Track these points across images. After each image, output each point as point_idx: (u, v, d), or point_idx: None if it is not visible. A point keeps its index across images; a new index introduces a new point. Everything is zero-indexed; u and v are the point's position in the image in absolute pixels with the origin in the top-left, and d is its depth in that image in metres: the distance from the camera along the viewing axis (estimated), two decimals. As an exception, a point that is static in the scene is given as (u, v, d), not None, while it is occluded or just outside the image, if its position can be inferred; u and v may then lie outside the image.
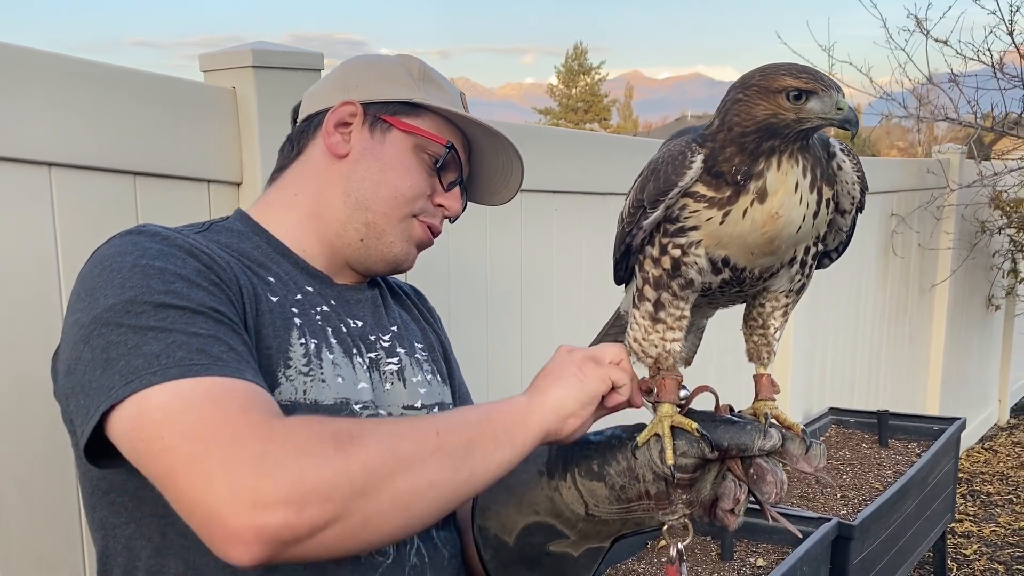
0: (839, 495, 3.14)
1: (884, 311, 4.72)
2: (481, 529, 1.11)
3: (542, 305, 2.46)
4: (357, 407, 1.07)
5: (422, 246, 1.21)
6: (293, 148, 1.20)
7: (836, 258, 1.11)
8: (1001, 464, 5.53)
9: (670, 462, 0.98)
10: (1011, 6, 4.08)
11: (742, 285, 1.01)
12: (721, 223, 0.94)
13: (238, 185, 1.65)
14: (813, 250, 1.00)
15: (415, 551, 1.09)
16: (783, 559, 2.41)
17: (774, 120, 0.90)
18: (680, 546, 1.06)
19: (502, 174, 1.27)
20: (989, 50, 4.30)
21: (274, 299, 1.05)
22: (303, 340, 1.04)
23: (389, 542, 0.90)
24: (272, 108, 1.61)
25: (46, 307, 1.37)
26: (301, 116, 1.21)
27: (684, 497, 1.01)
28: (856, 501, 3.07)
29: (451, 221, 1.23)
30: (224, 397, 0.86)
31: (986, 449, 5.85)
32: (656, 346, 1.04)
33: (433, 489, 0.89)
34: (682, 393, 1.04)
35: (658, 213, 0.98)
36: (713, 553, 2.61)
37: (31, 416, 1.36)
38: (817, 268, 1.08)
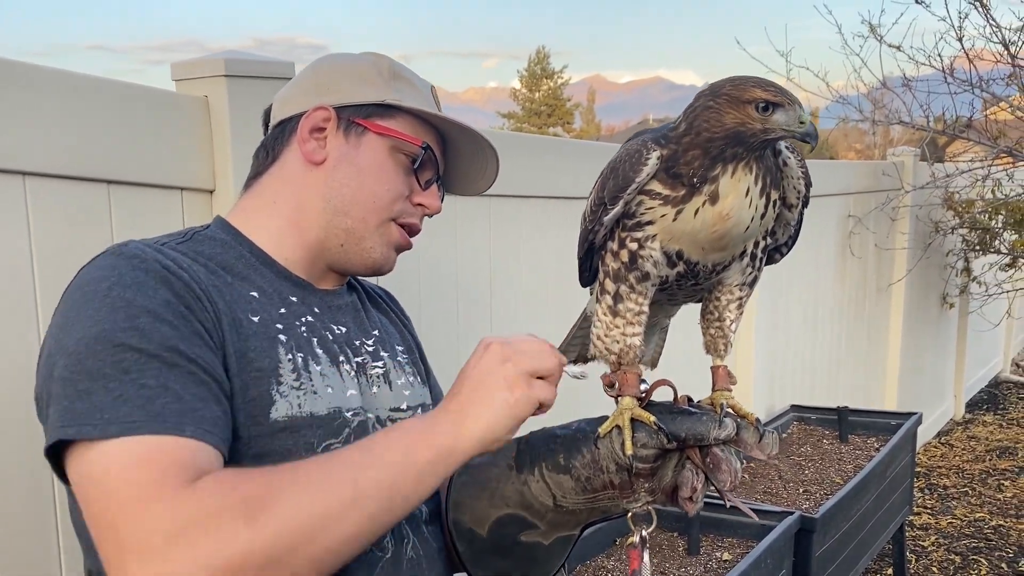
0: (801, 490, 3.22)
1: (843, 310, 4.83)
2: (455, 523, 1.15)
3: (509, 306, 2.50)
4: (348, 414, 1.09)
5: (401, 249, 1.23)
6: (268, 155, 1.20)
7: (787, 252, 1.15)
8: (957, 458, 5.68)
9: (629, 452, 1.02)
10: (960, 13, 4.21)
11: (697, 278, 1.06)
12: (674, 220, 1.00)
13: (211, 192, 1.67)
14: (763, 243, 1.06)
15: (411, 545, 1.12)
16: (748, 552, 2.47)
17: (742, 129, 0.96)
18: (644, 532, 1.11)
19: (477, 165, 1.28)
20: (940, 55, 4.43)
21: (255, 319, 1.05)
22: (290, 356, 1.06)
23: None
24: (244, 116, 1.63)
25: (21, 315, 1.38)
26: (273, 121, 1.21)
27: (646, 485, 1.06)
28: (818, 495, 3.15)
29: (429, 216, 1.25)
30: (150, 461, 0.88)
31: (942, 444, 6.00)
32: (618, 342, 1.09)
33: (351, 542, 0.92)
34: (643, 387, 1.09)
35: (617, 209, 1.03)
36: (680, 548, 2.67)
37: (7, 424, 1.36)
38: (769, 263, 1.13)
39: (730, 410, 1.05)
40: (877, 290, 5.23)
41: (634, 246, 1.04)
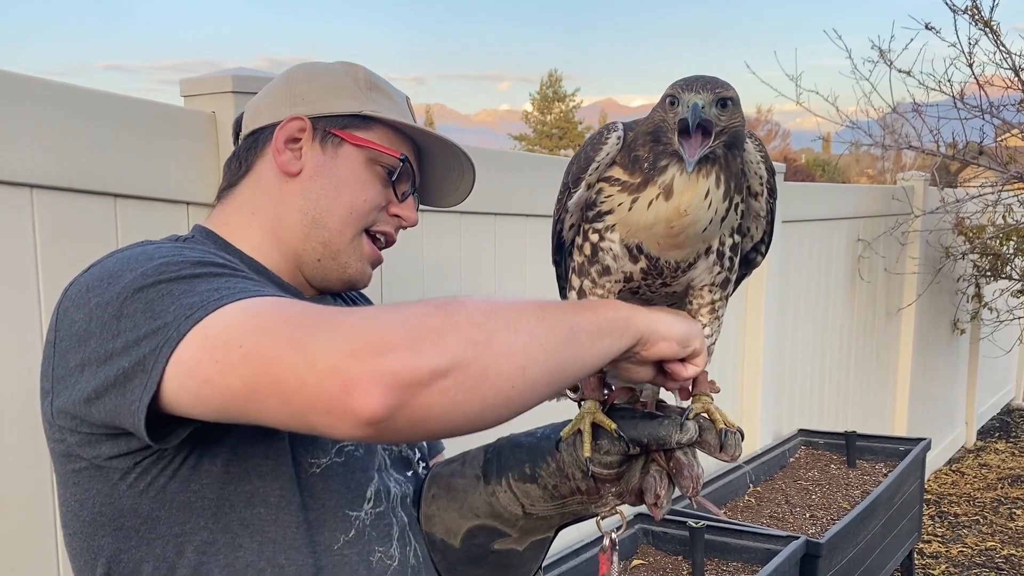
0: (808, 514, 3.19)
1: (852, 334, 4.80)
2: (428, 535, 1.15)
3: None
4: None
5: (375, 264, 1.21)
6: (241, 165, 1.17)
7: (765, 251, 1.12)
8: (968, 486, 5.62)
9: (587, 455, 1.01)
10: (970, 39, 4.22)
11: (662, 276, 1.04)
12: (630, 209, 0.98)
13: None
14: (730, 241, 1.03)
15: (413, 553, 1.13)
16: (752, 577, 2.45)
17: (660, 124, 0.96)
18: (613, 536, 1.11)
19: (453, 177, 1.28)
20: (950, 81, 4.43)
21: None
22: None
23: (509, 409, 0.82)
24: (251, 132, 1.64)
25: (25, 326, 1.39)
26: (246, 130, 1.19)
27: (613, 490, 1.06)
28: (825, 520, 3.12)
29: (404, 228, 1.23)
30: (296, 302, 0.83)
31: (954, 471, 5.94)
32: None
33: (546, 353, 0.83)
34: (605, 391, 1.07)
35: (580, 191, 1.02)
36: (684, 572, 2.64)
37: (8, 435, 1.37)
38: (750, 267, 1.11)
39: (705, 415, 1.03)
40: (887, 315, 5.20)
41: (595, 238, 1.03)
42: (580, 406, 1.07)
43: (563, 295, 1.14)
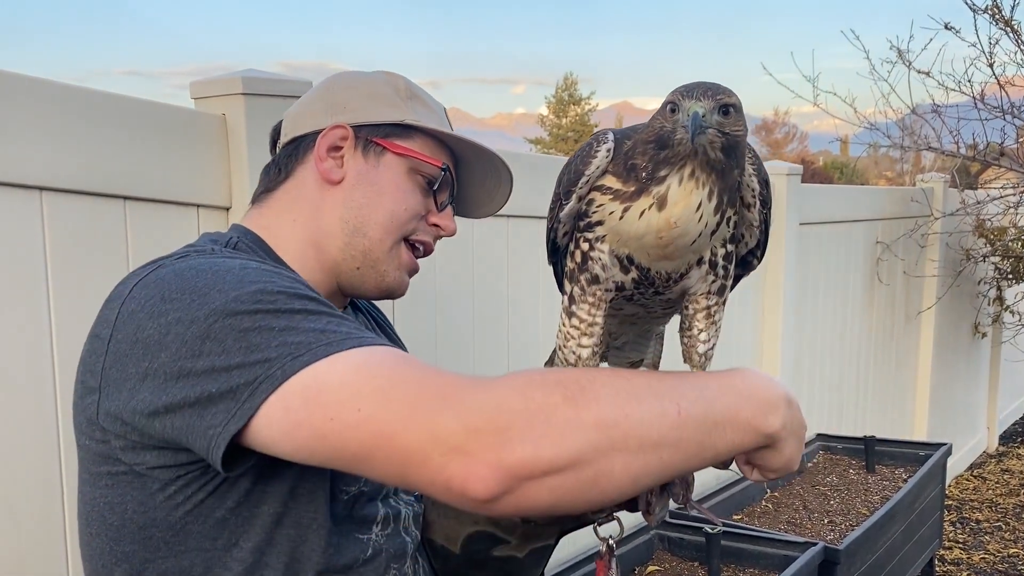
0: (826, 520, 3.15)
1: (871, 338, 4.75)
2: (429, 542, 1.15)
3: (496, 333, 2.48)
4: None
5: (412, 272, 1.21)
6: (281, 172, 1.18)
7: (760, 256, 1.10)
8: (990, 491, 5.54)
9: None
10: (990, 39, 4.17)
11: (654, 286, 1.03)
12: (620, 219, 0.97)
13: (227, 210, 1.67)
14: (723, 251, 1.02)
15: (422, 567, 1.13)
16: (770, 584, 2.41)
17: (660, 132, 0.94)
18: (610, 542, 1.10)
19: (489, 186, 1.28)
20: (970, 81, 4.38)
21: None
22: None
23: (608, 502, 0.83)
24: (261, 134, 1.62)
25: (35, 330, 1.38)
26: (285, 138, 1.20)
27: None
28: (843, 526, 3.07)
29: (440, 238, 1.24)
30: (411, 360, 0.82)
31: (975, 476, 5.86)
32: (574, 352, 1.07)
33: (664, 467, 0.83)
34: None
35: (571, 204, 1.02)
36: (700, 578, 2.61)
37: (18, 439, 1.37)
38: (747, 270, 1.10)
39: None
40: (906, 318, 5.14)
41: (586, 246, 1.02)
42: None
43: (561, 290, 1.14)
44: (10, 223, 1.35)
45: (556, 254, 1.10)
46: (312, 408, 0.80)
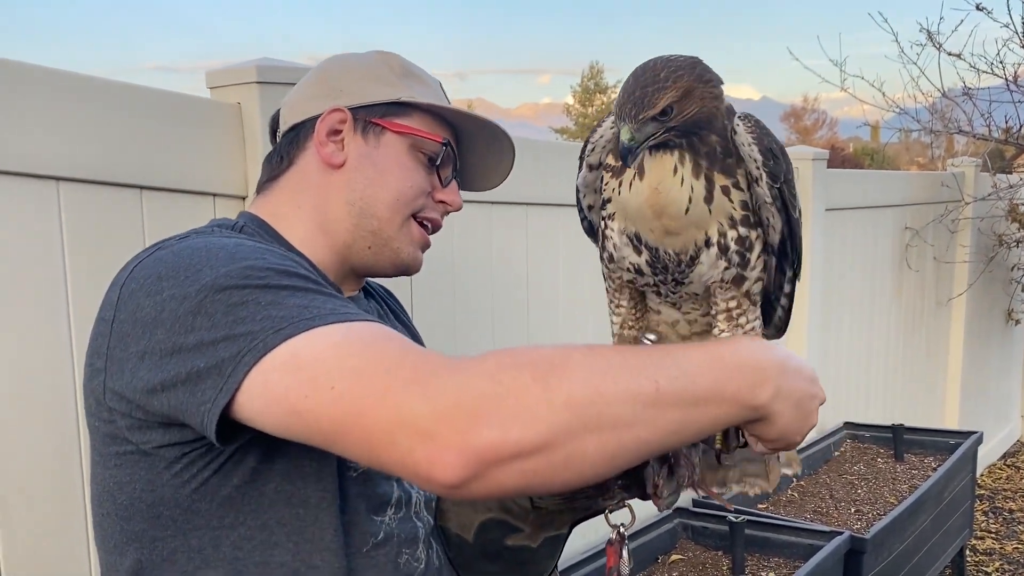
0: (853, 509, 3.11)
1: (899, 325, 4.68)
2: (443, 529, 1.14)
3: (516, 313, 2.47)
4: None
5: (424, 247, 1.21)
6: (283, 160, 1.17)
7: (795, 264, 1.08)
8: (1024, 481, 5.45)
9: None
10: None
11: (668, 271, 1.02)
12: (619, 194, 1.00)
13: (243, 199, 1.68)
14: (733, 233, 0.99)
15: (436, 553, 1.12)
16: (794, 573, 2.39)
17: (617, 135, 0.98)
18: (621, 529, 1.10)
19: (491, 158, 1.27)
20: (1002, 63, 4.28)
21: None
22: None
23: (585, 483, 0.82)
24: (276, 123, 1.63)
25: (53, 317, 1.40)
26: (284, 126, 1.19)
27: (619, 482, 1.05)
28: (871, 515, 3.04)
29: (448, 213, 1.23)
30: (391, 337, 0.82)
31: (1008, 466, 5.76)
32: (615, 334, 1.12)
33: (641, 446, 0.81)
34: None
35: (584, 172, 1.07)
36: (724, 567, 2.59)
37: (37, 426, 1.38)
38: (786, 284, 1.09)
39: None
40: (936, 304, 5.06)
41: (602, 225, 1.05)
42: None
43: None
44: (28, 213, 1.36)
45: (593, 234, 1.12)
46: (289, 383, 0.80)
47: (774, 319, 1.13)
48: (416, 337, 1.34)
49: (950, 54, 4.38)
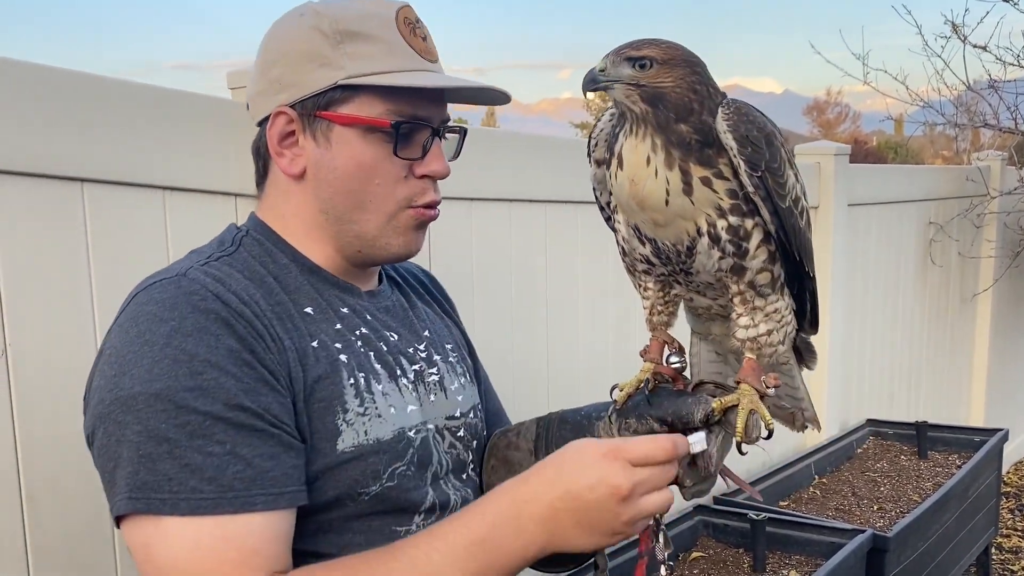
0: (876, 507, 3.09)
1: (923, 321, 4.63)
2: None
3: (533, 306, 2.47)
4: (411, 432, 1.09)
5: (425, 223, 1.14)
6: (257, 168, 1.16)
7: (796, 256, 1.10)
8: (1051, 478, 5.38)
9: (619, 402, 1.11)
10: (1051, 10, 4.01)
11: (673, 262, 1.04)
12: (612, 186, 1.04)
13: (264, 199, 1.69)
14: (723, 222, 1.00)
15: None
16: (816, 570, 2.37)
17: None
18: (657, 515, 1.09)
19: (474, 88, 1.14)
20: (1030, 55, 4.22)
21: (315, 344, 1.04)
22: (352, 380, 1.05)
23: None
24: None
25: (79, 318, 1.41)
26: (254, 122, 1.15)
27: None
28: (893, 513, 3.01)
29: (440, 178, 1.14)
30: (216, 551, 0.91)
31: (1035, 463, 5.69)
32: (646, 320, 1.18)
33: None
34: (673, 360, 1.14)
35: (592, 168, 1.12)
36: (746, 564, 2.58)
37: (63, 423, 1.40)
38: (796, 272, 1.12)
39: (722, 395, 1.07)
40: (961, 300, 5.00)
41: (614, 219, 1.11)
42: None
43: None
44: (53, 215, 1.38)
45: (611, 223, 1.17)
46: (136, 551, 0.96)
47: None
48: (463, 335, 1.35)
49: (975, 46, 4.32)
